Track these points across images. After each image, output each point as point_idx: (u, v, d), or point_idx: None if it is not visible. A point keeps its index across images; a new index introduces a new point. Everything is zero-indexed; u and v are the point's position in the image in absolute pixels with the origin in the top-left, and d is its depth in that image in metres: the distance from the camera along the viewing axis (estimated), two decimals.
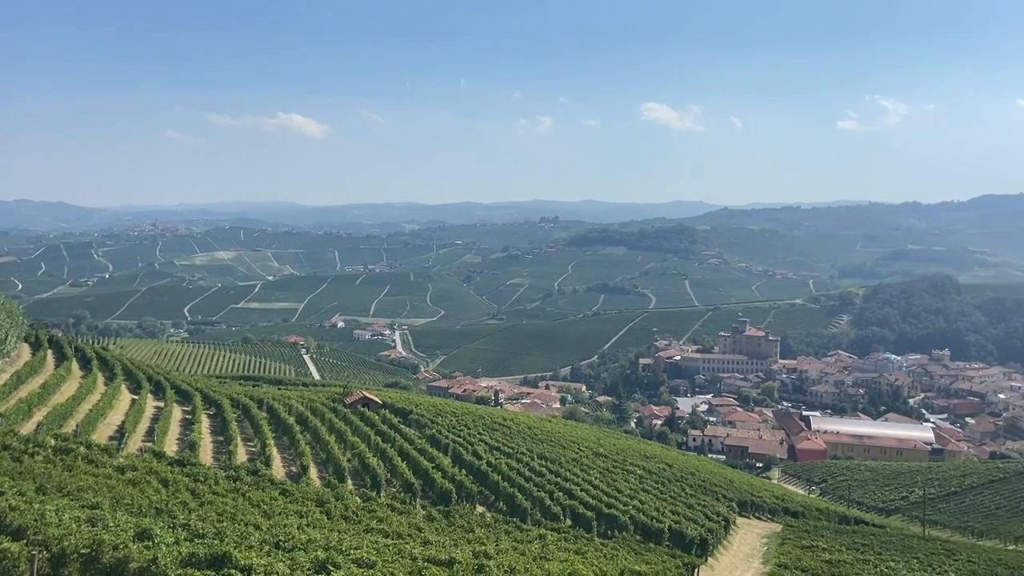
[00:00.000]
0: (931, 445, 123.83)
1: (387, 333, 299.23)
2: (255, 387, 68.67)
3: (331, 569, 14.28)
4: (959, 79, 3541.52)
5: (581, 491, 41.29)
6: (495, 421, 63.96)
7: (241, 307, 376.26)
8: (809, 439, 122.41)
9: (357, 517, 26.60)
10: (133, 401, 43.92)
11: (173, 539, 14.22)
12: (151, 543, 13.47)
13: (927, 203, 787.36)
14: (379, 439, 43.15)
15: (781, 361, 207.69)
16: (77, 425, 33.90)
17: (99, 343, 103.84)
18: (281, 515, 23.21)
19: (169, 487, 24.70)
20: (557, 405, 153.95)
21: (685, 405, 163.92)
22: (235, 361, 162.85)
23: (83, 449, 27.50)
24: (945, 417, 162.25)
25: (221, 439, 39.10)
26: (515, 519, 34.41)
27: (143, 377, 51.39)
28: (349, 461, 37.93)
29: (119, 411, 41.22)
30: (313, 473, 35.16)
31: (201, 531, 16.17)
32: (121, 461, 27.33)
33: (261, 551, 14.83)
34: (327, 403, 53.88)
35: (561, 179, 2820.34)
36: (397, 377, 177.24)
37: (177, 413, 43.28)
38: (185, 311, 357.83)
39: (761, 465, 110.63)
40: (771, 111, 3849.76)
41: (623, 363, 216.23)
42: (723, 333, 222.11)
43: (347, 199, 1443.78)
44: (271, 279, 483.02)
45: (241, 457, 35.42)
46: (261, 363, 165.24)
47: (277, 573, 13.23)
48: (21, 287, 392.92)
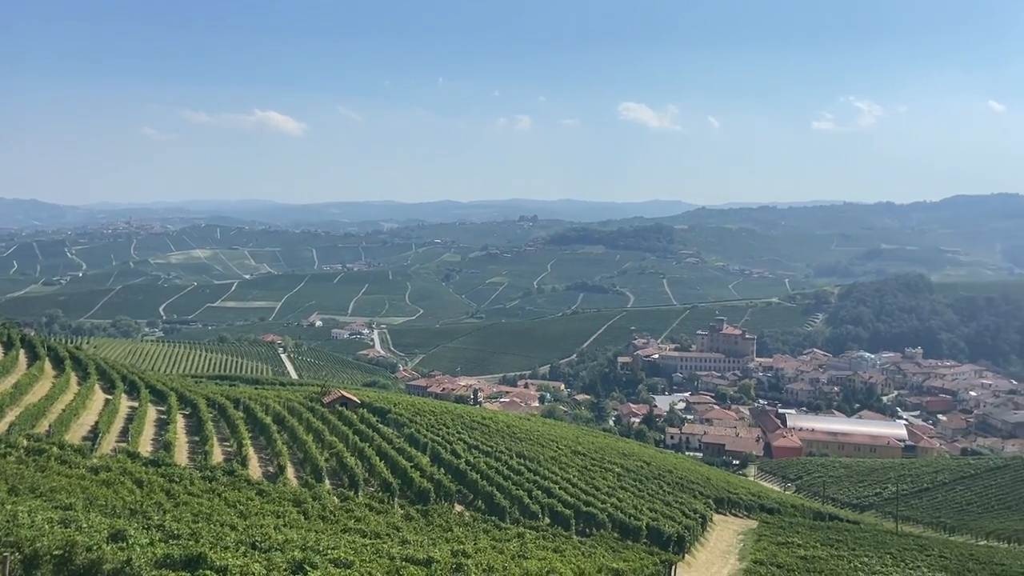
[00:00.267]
0: (904, 442, 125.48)
1: (365, 332, 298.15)
2: (231, 387, 68.12)
3: (308, 569, 14.21)
4: (932, 81, 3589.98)
5: (560, 489, 41.41)
6: (474, 420, 63.94)
7: (217, 306, 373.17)
8: (785, 436, 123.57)
9: (335, 517, 26.48)
10: (107, 401, 43.41)
11: (147, 540, 14.09)
12: (125, 544, 13.34)
13: (900, 203, 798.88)
14: (357, 438, 42.97)
15: (758, 359, 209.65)
16: (50, 425, 33.48)
17: (72, 342, 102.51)
18: (257, 515, 23.06)
19: (143, 488, 24.45)
20: (536, 404, 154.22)
21: (663, 403, 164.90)
22: (211, 360, 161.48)
23: (56, 450, 27.14)
24: (918, 414, 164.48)
25: (197, 439, 38.73)
26: (494, 518, 34.44)
27: (117, 377, 50.79)
28: (327, 461, 37.74)
29: (93, 411, 40.73)
30: (290, 473, 34.95)
31: (176, 532, 16.02)
32: (95, 462, 27.01)
33: (237, 552, 14.73)
34: (305, 402, 53.58)
35: (540, 178, 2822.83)
36: (375, 376, 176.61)
37: (152, 413, 42.82)
38: (160, 310, 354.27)
39: (738, 462, 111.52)
40: (748, 111, 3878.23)
41: (602, 361, 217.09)
42: (701, 331, 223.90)
43: (325, 197, 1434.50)
44: (248, 278, 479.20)
45: (217, 457, 35.13)
46: (238, 362, 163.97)
47: (253, 574, 13.15)
48: None
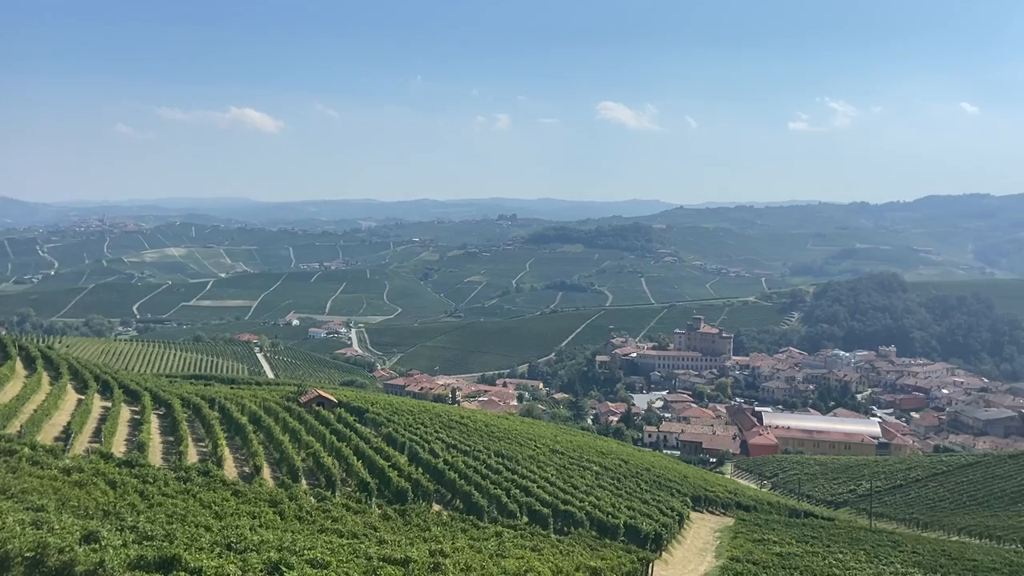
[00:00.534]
0: (878, 439, 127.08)
1: (343, 331, 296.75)
2: (207, 386, 67.40)
3: (284, 570, 14.13)
4: (907, 83, 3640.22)
5: (538, 488, 41.46)
6: (452, 419, 63.84)
7: (192, 305, 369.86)
8: (761, 434, 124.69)
9: (311, 517, 26.33)
10: (79, 401, 42.85)
11: (121, 541, 13.94)
12: (98, 546, 13.20)
13: (875, 203, 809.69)
14: (334, 438, 42.74)
15: (734, 358, 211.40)
16: (21, 426, 32.98)
17: (44, 341, 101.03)
18: (233, 516, 22.88)
19: (117, 489, 24.17)
20: (514, 403, 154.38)
21: (641, 402, 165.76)
22: (186, 360, 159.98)
23: (28, 450, 26.72)
24: (891, 412, 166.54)
25: (171, 439, 38.34)
26: (472, 517, 34.41)
27: (90, 376, 50.13)
28: (303, 461, 37.49)
29: (65, 411, 40.18)
30: (266, 473, 34.70)
31: (150, 533, 15.84)
32: (67, 462, 26.64)
33: (212, 553, 14.62)
34: (281, 402, 53.21)
35: (519, 177, 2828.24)
36: (353, 375, 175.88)
37: (125, 413, 42.31)
38: (134, 309, 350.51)
39: (715, 460, 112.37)
40: (725, 112, 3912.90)
41: (580, 360, 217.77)
42: (678, 330, 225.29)
43: (302, 195, 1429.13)
44: (223, 276, 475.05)
45: (192, 458, 34.79)
46: (213, 362, 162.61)
47: (228, 575, 13.05)
48: None
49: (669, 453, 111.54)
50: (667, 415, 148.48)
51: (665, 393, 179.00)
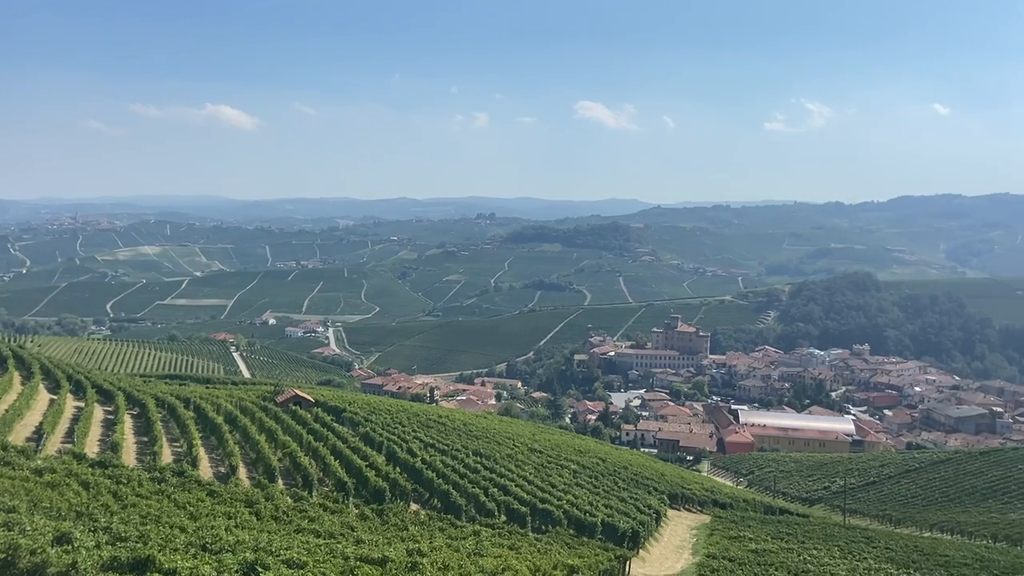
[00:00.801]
0: (852, 437, 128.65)
1: (320, 330, 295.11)
2: (182, 386, 66.68)
3: (260, 571, 14.04)
4: (880, 85, 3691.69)
5: (516, 487, 41.49)
6: (430, 418, 63.70)
7: (167, 304, 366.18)
8: (737, 432, 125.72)
9: (288, 517, 26.16)
10: (52, 401, 42.24)
11: (94, 543, 13.78)
12: (70, 547, 13.04)
13: (849, 203, 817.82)
14: (311, 438, 42.48)
15: (711, 356, 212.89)
16: None
17: (15, 341, 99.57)
18: (208, 516, 22.68)
19: (90, 489, 23.87)
20: (493, 401, 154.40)
21: (619, 400, 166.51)
22: (161, 359, 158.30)
23: None
24: (865, 409, 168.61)
25: (145, 440, 37.90)
26: (450, 516, 34.38)
27: (62, 376, 49.44)
28: (280, 460, 37.22)
29: (37, 411, 39.59)
30: (242, 473, 34.43)
31: (123, 534, 15.68)
32: (39, 463, 26.26)
33: (187, 554, 14.49)
34: (257, 402, 52.79)
35: (497, 176, 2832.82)
36: (330, 375, 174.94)
37: (98, 413, 41.77)
38: (107, 308, 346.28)
39: (692, 458, 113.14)
40: (702, 112, 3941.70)
41: (558, 359, 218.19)
42: (656, 329, 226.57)
43: (279, 193, 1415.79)
44: (199, 275, 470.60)
45: (166, 458, 34.41)
46: (188, 361, 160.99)
47: None
48: None
49: (647, 451, 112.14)
50: (645, 413, 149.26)
51: (643, 392, 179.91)
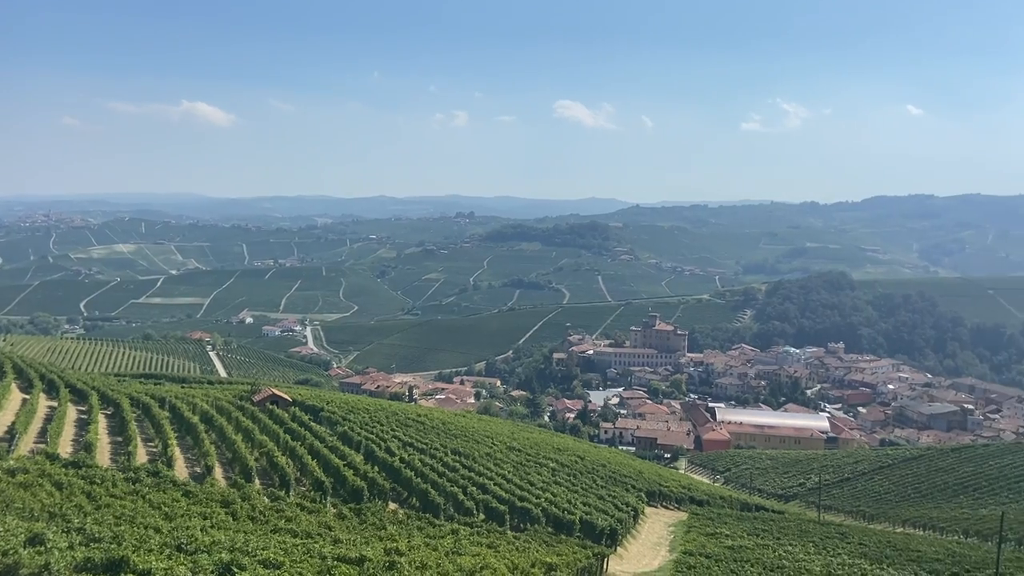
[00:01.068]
0: (826, 434, 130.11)
1: (298, 329, 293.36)
2: (157, 385, 66.01)
3: (236, 571, 14.00)
4: (855, 86, 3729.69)
5: (495, 485, 41.56)
6: (409, 417, 63.59)
7: (142, 302, 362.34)
8: (714, 430, 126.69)
9: (264, 517, 26.04)
10: (24, 401, 41.70)
11: (67, 544, 13.68)
12: (43, 548, 12.94)
13: (824, 203, 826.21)
14: (288, 437, 42.27)
15: (689, 354, 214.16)
16: None
17: None
18: (184, 517, 22.53)
19: (63, 490, 23.62)
20: (472, 400, 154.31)
21: (597, 398, 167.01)
22: (135, 359, 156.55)
23: None
24: (839, 407, 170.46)
25: (119, 440, 37.51)
26: (428, 515, 34.39)
27: (35, 375, 48.81)
28: (257, 460, 37.00)
29: (9, 411, 39.08)
30: (218, 473, 34.20)
31: (97, 535, 15.55)
32: (11, 463, 25.95)
33: (161, 555, 14.41)
34: (234, 401, 52.41)
35: (477, 174, 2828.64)
36: (308, 374, 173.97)
37: (72, 413, 41.29)
38: (81, 306, 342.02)
39: (669, 456, 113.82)
40: (680, 112, 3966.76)
41: (537, 358, 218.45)
42: (634, 328, 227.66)
43: (256, 191, 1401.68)
44: (174, 273, 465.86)
45: (141, 458, 34.09)
46: (164, 360, 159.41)
47: None
48: None
49: (625, 449, 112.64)
50: (623, 412, 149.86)
51: (621, 390, 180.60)
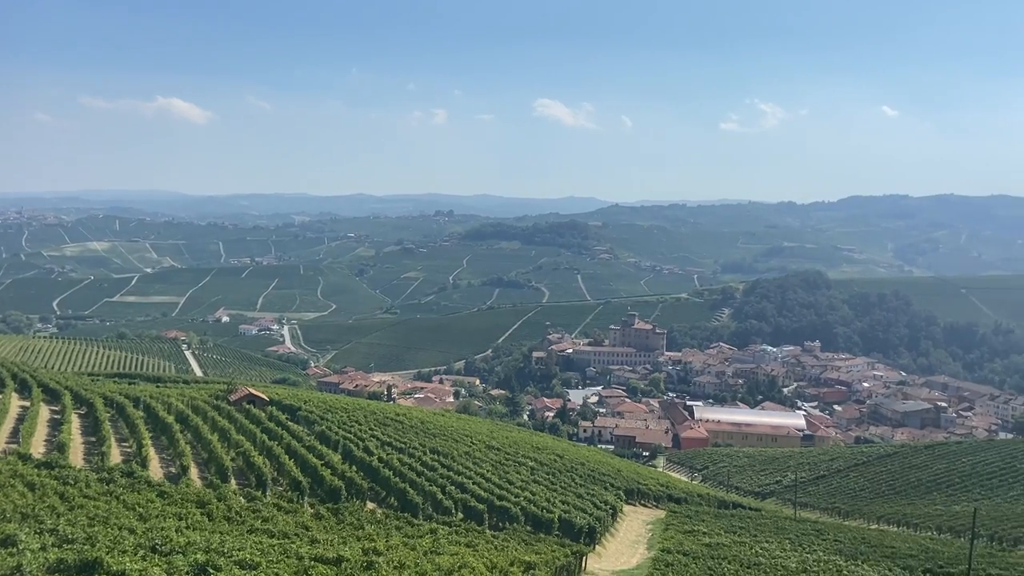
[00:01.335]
0: (803, 431, 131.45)
1: (275, 328, 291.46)
2: (131, 385, 65.27)
3: (211, 572, 13.86)
4: (831, 86, 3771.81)
5: (473, 484, 41.50)
6: (387, 416, 63.33)
7: (116, 301, 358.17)
8: (692, 428, 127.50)
9: (241, 518, 25.81)
10: None
11: (39, 545, 13.48)
12: (15, 549, 12.76)
13: (801, 203, 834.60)
14: (265, 437, 41.93)
15: (667, 353, 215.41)
16: None
17: None
18: (158, 518, 22.27)
19: (36, 491, 23.26)
20: (451, 399, 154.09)
21: (576, 397, 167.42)
22: (110, 358, 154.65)
23: None
24: (816, 405, 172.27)
25: (93, 440, 37.02)
26: (407, 514, 34.27)
27: (7, 375, 48.05)
28: (233, 460, 36.66)
29: None
30: (194, 473, 33.85)
31: (70, 536, 15.33)
32: None
33: (136, 556, 14.23)
34: (210, 401, 51.92)
35: (456, 173, 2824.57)
36: (286, 373, 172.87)
37: (44, 413, 40.70)
38: (54, 305, 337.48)
39: (648, 454, 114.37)
40: (659, 111, 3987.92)
41: (517, 356, 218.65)
42: (613, 326, 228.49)
43: (233, 188, 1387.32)
44: (149, 271, 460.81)
45: (115, 458, 33.66)
46: (138, 360, 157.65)
47: None
48: None
49: (603, 447, 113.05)
50: (602, 410, 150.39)
51: (600, 388, 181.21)
